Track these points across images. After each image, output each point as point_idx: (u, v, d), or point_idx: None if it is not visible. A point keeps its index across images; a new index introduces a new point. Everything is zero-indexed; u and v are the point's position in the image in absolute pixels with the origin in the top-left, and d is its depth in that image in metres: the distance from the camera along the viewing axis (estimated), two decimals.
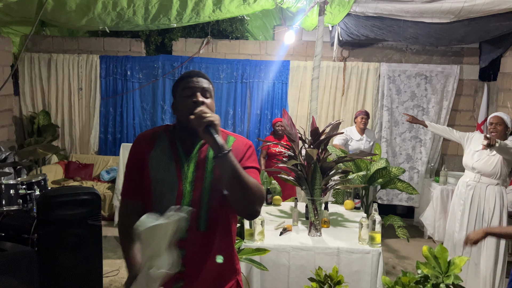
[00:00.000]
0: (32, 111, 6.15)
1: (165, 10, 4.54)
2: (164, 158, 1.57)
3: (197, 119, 1.42)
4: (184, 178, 1.54)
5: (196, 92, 1.54)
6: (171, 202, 1.51)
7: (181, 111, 1.55)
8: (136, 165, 1.60)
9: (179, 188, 1.53)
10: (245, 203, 1.48)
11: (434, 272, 2.27)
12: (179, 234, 1.44)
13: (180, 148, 1.58)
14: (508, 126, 3.46)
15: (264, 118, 6.05)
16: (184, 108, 1.52)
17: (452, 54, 5.81)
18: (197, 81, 1.56)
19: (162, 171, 1.55)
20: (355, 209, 3.64)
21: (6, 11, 4.48)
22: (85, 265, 3.21)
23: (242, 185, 1.43)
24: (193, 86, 1.54)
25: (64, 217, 3.13)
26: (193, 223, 1.52)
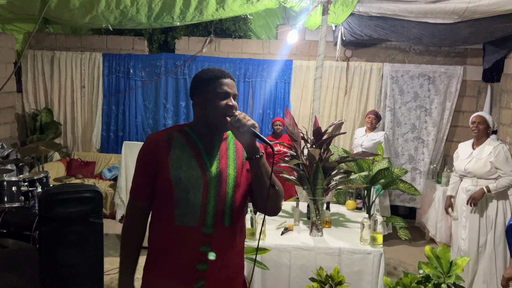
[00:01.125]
0: (35, 109, 6.16)
1: (168, 9, 4.54)
2: (185, 156, 1.56)
3: (239, 121, 1.47)
4: (208, 173, 1.55)
5: (230, 95, 1.56)
6: (197, 198, 1.53)
7: (212, 111, 1.54)
8: (150, 167, 1.58)
9: (205, 183, 1.54)
10: (272, 201, 1.57)
11: (435, 272, 2.27)
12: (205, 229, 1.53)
13: (200, 146, 1.59)
14: (490, 126, 3.54)
15: (267, 118, 6.05)
16: (217, 109, 1.53)
17: (456, 55, 5.79)
18: (231, 84, 1.57)
19: (185, 169, 1.54)
20: (357, 210, 3.63)
21: (10, 8, 4.49)
22: (86, 263, 3.22)
23: (273, 185, 1.53)
24: (228, 90, 1.55)
25: (66, 214, 3.13)
26: (218, 219, 1.55)
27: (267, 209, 1.59)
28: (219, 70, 1.60)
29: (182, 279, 1.54)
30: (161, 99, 6.11)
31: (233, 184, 1.58)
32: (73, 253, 3.15)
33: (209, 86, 1.56)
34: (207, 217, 1.54)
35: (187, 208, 1.53)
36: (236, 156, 1.62)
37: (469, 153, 3.61)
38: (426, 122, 5.78)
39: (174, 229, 1.54)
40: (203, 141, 1.60)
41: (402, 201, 5.88)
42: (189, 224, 1.53)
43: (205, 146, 1.59)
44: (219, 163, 1.58)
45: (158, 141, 1.58)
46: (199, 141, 1.60)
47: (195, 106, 1.61)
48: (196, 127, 1.62)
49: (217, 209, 1.55)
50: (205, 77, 1.58)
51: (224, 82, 1.56)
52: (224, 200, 1.56)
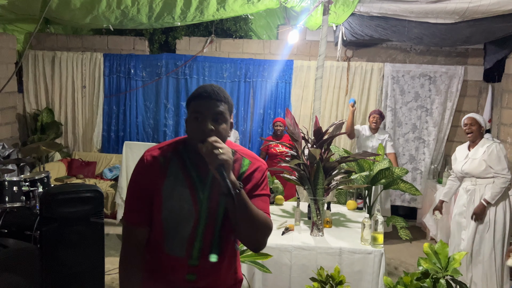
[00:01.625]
0: (36, 109, 6.16)
1: (169, 9, 4.54)
2: (178, 186, 1.45)
3: (208, 154, 1.33)
4: (200, 207, 1.46)
5: (206, 118, 1.39)
6: (186, 231, 1.46)
7: (190, 134, 1.44)
8: (145, 189, 1.47)
9: (196, 217, 1.46)
10: (253, 238, 1.45)
11: (434, 267, 2.29)
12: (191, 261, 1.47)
13: (194, 174, 1.47)
14: (482, 126, 3.59)
15: (267, 118, 6.05)
16: (192, 132, 1.42)
17: (457, 55, 5.79)
18: (209, 104, 1.40)
19: (177, 200, 1.45)
20: (358, 210, 3.63)
21: (11, 8, 4.50)
22: (87, 263, 3.22)
23: (252, 222, 1.40)
24: (202, 110, 1.40)
25: (67, 214, 3.13)
26: (205, 252, 1.49)
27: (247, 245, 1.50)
28: (204, 87, 1.44)
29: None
30: (162, 99, 6.11)
31: (222, 216, 1.48)
32: (74, 253, 3.15)
33: (189, 107, 1.44)
34: (194, 251, 1.48)
35: (174, 240, 1.48)
36: None
37: (465, 155, 3.67)
38: (427, 122, 5.78)
39: (162, 255, 1.50)
40: (197, 167, 1.48)
41: (403, 201, 5.88)
42: (176, 255, 1.48)
43: (199, 173, 1.48)
44: (211, 194, 1.47)
45: (154, 164, 1.47)
46: (193, 168, 1.48)
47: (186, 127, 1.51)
48: (188, 149, 1.49)
49: (204, 242, 1.48)
50: (190, 96, 1.46)
51: (201, 102, 1.41)
52: (212, 233, 1.48)
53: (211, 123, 1.39)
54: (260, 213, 1.43)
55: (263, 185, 1.53)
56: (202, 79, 6.01)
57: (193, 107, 1.42)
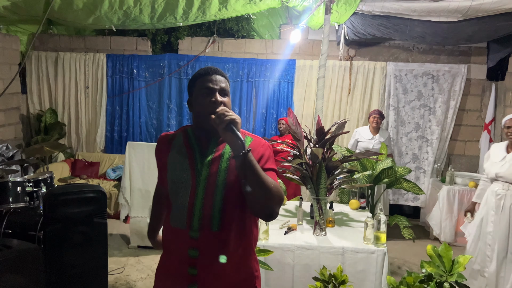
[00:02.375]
0: (39, 109, 6.19)
1: (171, 9, 4.54)
2: (179, 158, 1.57)
3: (218, 117, 1.40)
4: (197, 176, 1.52)
5: (215, 92, 1.52)
6: (185, 200, 1.52)
7: (198, 110, 1.55)
8: (159, 163, 1.67)
9: (192, 186, 1.52)
10: (263, 203, 1.44)
11: (438, 270, 2.27)
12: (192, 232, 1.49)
13: (195, 147, 1.58)
14: None
15: (270, 117, 6.05)
16: (202, 107, 1.52)
17: (460, 53, 5.77)
18: (216, 80, 1.54)
19: (177, 171, 1.56)
20: (360, 209, 3.63)
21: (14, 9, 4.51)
22: (91, 263, 3.23)
23: (261, 185, 1.40)
24: (211, 85, 1.53)
25: (70, 214, 3.15)
26: (205, 222, 1.50)
27: (257, 212, 1.49)
28: (207, 67, 1.59)
29: (177, 280, 1.55)
30: (165, 100, 6.13)
31: (223, 187, 1.50)
32: (78, 253, 3.16)
33: (195, 85, 1.56)
34: (193, 221, 1.50)
35: (177, 210, 1.54)
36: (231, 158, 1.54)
37: (502, 156, 3.43)
38: (430, 121, 5.76)
39: (170, 230, 1.58)
40: (199, 142, 1.58)
41: (406, 200, 5.86)
42: (179, 227, 1.53)
43: (201, 147, 1.57)
44: (211, 164, 1.53)
45: (163, 141, 1.65)
46: (196, 142, 1.59)
47: (189, 107, 1.63)
48: (194, 127, 1.63)
49: (204, 212, 1.49)
50: (193, 77, 1.59)
51: (208, 78, 1.53)
52: (212, 204, 1.50)
53: (219, 96, 1.52)
54: (270, 179, 1.45)
55: (269, 160, 1.56)
56: None
57: (201, 83, 1.54)
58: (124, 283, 3.75)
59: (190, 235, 1.50)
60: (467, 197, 4.90)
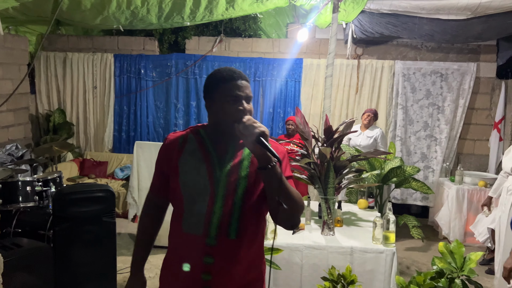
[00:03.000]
0: (48, 109, 6.24)
1: (178, 9, 4.55)
2: (195, 162, 1.50)
3: (246, 128, 1.35)
4: (216, 182, 1.47)
5: (242, 99, 1.45)
6: (203, 207, 1.47)
7: (221, 116, 1.46)
8: (164, 167, 1.57)
9: (211, 192, 1.47)
10: (289, 215, 1.45)
11: (449, 267, 2.26)
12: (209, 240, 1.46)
13: (212, 151, 1.51)
14: None
15: (277, 117, 6.04)
16: (227, 114, 1.44)
17: (469, 51, 5.71)
18: (242, 86, 1.46)
19: (193, 175, 1.49)
20: (369, 208, 3.61)
21: (23, 10, 4.55)
22: (100, 262, 3.25)
23: (288, 197, 1.41)
24: (238, 93, 1.45)
25: (79, 214, 3.16)
26: (223, 230, 1.47)
27: (282, 223, 1.50)
28: (230, 70, 1.49)
29: (188, 285, 1.51)
30: (172, 99, 6.14)
31: (242, 195, 1.47)
32: (87, 252, 3.18)
33: (219, 90, 1.47)
34: (211, 228, 1.46)
35: (192, 216, 1.49)
36: (251, 163, 1.50)
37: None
38: (439, 120, 5.71)
39: (181, 235, 1.52)
40: (216, 146, 1.52)
41: (414, 199, 5.82)
42: (193, 233, 1.48)
43: (218, 151, 1.51)
44: (230, 171, 1.48)
45: (173, 143, 1.56)
46: (212, 146, 1.52)
47: (207, 109, 1.54)
48: (210, 130, 1.55)
49: (222, 220, 1.46)
50: (215, 80, 1.49)
51: (234, 84, 1.45)
52: (231, 212, 1.47)
53: (245, 103, 1.45)
54: (295, 190, 1.46)
55: (287, 167, 1.55)
56: None
57: (227, 89, 1.45)
58: None
59: (207, 242, 1.47)
60: (477, 197, 4.86)
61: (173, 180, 1.54)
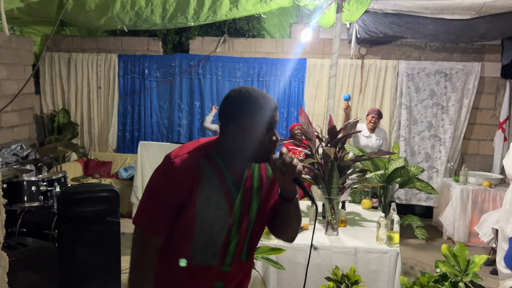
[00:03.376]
0: (53, 110, 6.26)
1: (182, 9, 4.56)
2: (213, 193, 1.39)
3: (287, 166, 1.31)
4: (234, 213, 1.42)
5: (273, 129, 1.37)
6: (220, 238, 1.41)
7: (252, 144, 1.35)
8: (177, 199, 1.37)
9: (230, 224, 1.42)
10: (294, 232, 1.55)
11: (453, 270, 2.24)
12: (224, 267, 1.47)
13: (229, 178, 1.41)
14: None
15: (281, 117, 6.03)
16: (259, 143, 1.35)
17: (473, 51, 5.69)
18: (276, 115, 1.37)
19: (212, 208, 1.39)
20: (373, 209, 3.60)
21: (28, 11, 4.57)
22: (104, 261, 3.27)
23: (298, 218, 1.50)
24: (272, 122, 1.36)
25: (84, 213, 3.18)
26: (237, 255, 1.48)
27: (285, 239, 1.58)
28: (264, 96, 1.36)
29: None
30: (176, 99, 6.15)
31: (254, 219, 1.46)
32: (91, 252, 3.20)
33: (253, 117, 1.34)
34: (227, 257, 1.45)
35: (207, 249, 1.42)
36: (260, 185, 1.47)
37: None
38: (443, 120, 5.70)
39: (189, 268, 1.43)
40: (231, 172, 1.42)
41: (418, 200, 5.81)
42: (208, 264, 1.43)
43: (234, 177, 1.42)
44: (244, 197, 1.43)
45: (189, 171, 1.36)
46: (228, 172, 1.41)
47: (228, 134, 1.38)
48: (226, 154, 1.41)
49: (238, 247, 1.45)
50: (248, 105, 1.34)
51: (271, 114, 1.35)
52: (244, 237, 1.46)
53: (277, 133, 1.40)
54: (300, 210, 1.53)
55: None
56: (215, 79, 6.04)
57: (263, 118, 1.34)
58: None
59: (222, 270, 1.46)
60: (481, 197, 4.85)
61: (186, 213, 1.38)
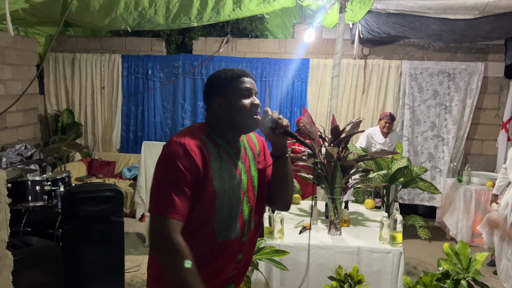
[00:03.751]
0: (57, 110, 6.30)
1: (185, 9, 4.57)
2: (224, 165, 1.46)
3: (274, 122, 1.46)
4: (243, 183, 1.51)
5: (253, 93, 1.51)
6: (239, 209, 1.48)
7: (237, 111, 1.46)
8: (193, 180, 1.38)
9: (243, 192, 1.50)
10: (289, 196, 1.59)
11: (455, 268, 2.25)
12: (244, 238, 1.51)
13: (230, 150, 1.50)
14: None
15: (284, 117, 6.01)
16: (242, 108, 1.46)
17: (477, 51, 5.68)
18: (251, 81, 1.51)
19: (228, 179, 1.45)
20: (376, 208, 3.61)
21: (32, 12, 4.59)
22: (108, 260, 3.28)
23: (292, 180, 1.56)
24: (251, 87, 1.50)
25: (88, 213, 3.20)
26: (249, 224, 1.53)
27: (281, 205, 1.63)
28: (238, 69, 1.53)
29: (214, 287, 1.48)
30: (179, 100, 6.17)
31: (257, 187, 1.55)
32: (95, 251, 3.22)
33: (230, 86, 1.48)
34: (245, 227, 1.51)
35: (230, 222, 1.46)
36: (253, 154, 1.58)
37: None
38: (446, 120, 5.69)
39: (214, 245, 1.44)
40: (230, 145, 1.51)
41: (421, 200, 5.80)
42: (232, 238, 1.47)
43: (234, 151, 1.51)
44: (246, 168, 1.53)
45: (198, 149, 1.40)
46: (227, 145, 1.50)
47: (214, 108, 1.49)
48: (219, 130, 1.49)
49: (250, 216, 1.52)
50: (225, 77, 1.49)
51: (247, 80, 1.50)
52: (253, 205, 1.53)
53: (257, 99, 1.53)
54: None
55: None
56: None
57: (239, 85, 1.48)
58: (140, 281, 3.80)
59: (243, 241, 1.52)
60: (485, 197, 4.83)
61: (204, 190, 1.40)
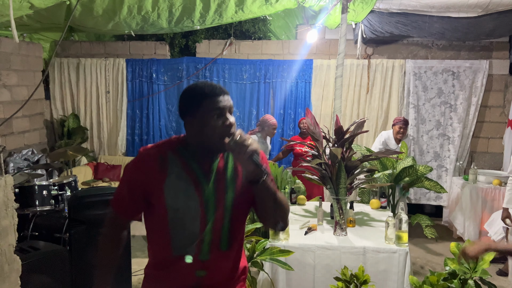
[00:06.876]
0: (62, 115, 6.34)
1: (188, 13, 4.60)
2: (182, 184, 1.45)
3: (239, 146, 1.34)
4: (205, 202, 1.46)
5: (226, 112, 1.41)
6: (195, 228, 1.46)
7: (207, 132, 1.41)
8: (139, 188, 1.47)
9: (202, 213, 1.46)
10: (280, 219, 1.49)
11: (462, 268, 2.24)
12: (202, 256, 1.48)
13: (198, 171, 1.47)
14: None
15: (288, 118, 6.04)
16: (212, 130, 1.40)
17: (481, 49, 5.65)
18: (225, 100, 1.42)
19: (182, 199, 1.45)
20: (381, 208, 3.60)
21: (37, 18, 4.64)
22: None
23: (278, 204, 1.44)
24: (222, 106, 1.41)
25: (94, 216, 3.21)
26: (215, 244, 1.49)
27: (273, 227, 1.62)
28: (210, 85, 1.44)
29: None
30: None
31: (230, 208, 1.49)
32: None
33: (201, 106, 1.41)
34: (204, 246, 1.48)
35: (184, 240, 1.47)
36: (235, 173, 1.51)
37: None
38: (451, 118, 5.66)
39: (171, 258, 1.50)
40: (200, 164, 1.47)
41: (428, 199, 5.78)
42: (184, 253, 1.48)
43: (203, 170, 1.47)
44: (217, 187, 1.47)
45: (152, 162, 1.45)
46: (196, 165, 1.47)
47: (187, 127, 1.46)
48: (192, 148, 1.48)
49: (214, 236, 1.48)
50: (195, 96, 1.43)
51: (217, 99, 1.41)
52: (221, 226, 1.48)
53: (230, 117, 1.43)
54: (282, 195, 1.49)
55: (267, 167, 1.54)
56: (222, 81, 6.06)
57: (210, 105, 1.40)
58: None
59: (200, 258, 1.49)
60: (491, 195, 4.80)
61: (156, 205, 1.47)
